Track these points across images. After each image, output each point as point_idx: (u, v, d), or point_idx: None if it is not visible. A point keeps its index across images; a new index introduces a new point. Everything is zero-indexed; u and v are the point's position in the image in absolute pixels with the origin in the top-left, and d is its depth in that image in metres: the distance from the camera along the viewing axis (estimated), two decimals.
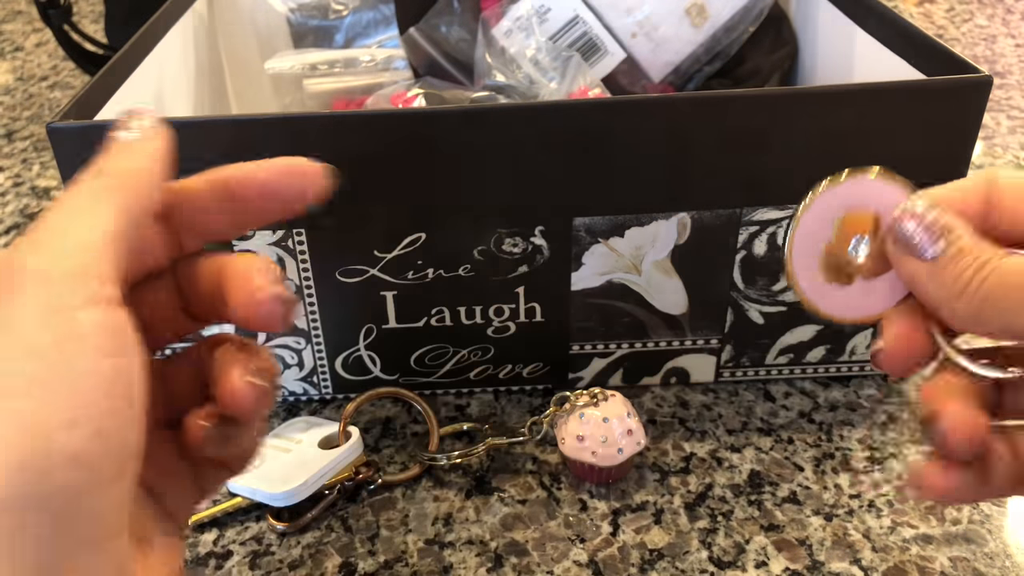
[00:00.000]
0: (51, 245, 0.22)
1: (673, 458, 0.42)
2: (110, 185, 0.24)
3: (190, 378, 0.29)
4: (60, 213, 0.23)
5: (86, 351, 0.21)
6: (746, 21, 0.54)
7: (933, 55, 0.42)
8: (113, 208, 0.24)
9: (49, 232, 0.23)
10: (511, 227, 0.41)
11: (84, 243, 0.23)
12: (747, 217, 0.41)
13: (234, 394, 0.26)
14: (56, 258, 0.22)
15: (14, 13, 1.13)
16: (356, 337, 0.44)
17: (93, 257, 0.23)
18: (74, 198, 0.24)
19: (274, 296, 0.26)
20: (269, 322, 0.26)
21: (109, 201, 0.24)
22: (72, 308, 0.22)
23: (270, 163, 0.28)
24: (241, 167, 0.28)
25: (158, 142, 0.26)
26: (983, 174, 0.28)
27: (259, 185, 0.28)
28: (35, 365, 0.21)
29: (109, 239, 0.23)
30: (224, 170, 0.28)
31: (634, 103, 0.38)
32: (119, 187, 0.24)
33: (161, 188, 0.26)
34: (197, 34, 0.58)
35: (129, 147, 0.26)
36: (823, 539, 0.38)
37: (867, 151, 0.39)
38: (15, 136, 0.79)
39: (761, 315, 0.44)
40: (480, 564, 0.37)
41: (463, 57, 0.55)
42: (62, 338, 0.21)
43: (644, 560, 0.37)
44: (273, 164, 0.28)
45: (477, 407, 0.46)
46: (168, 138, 0.27)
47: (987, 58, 0.87)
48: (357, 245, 0.41)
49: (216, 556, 0.38)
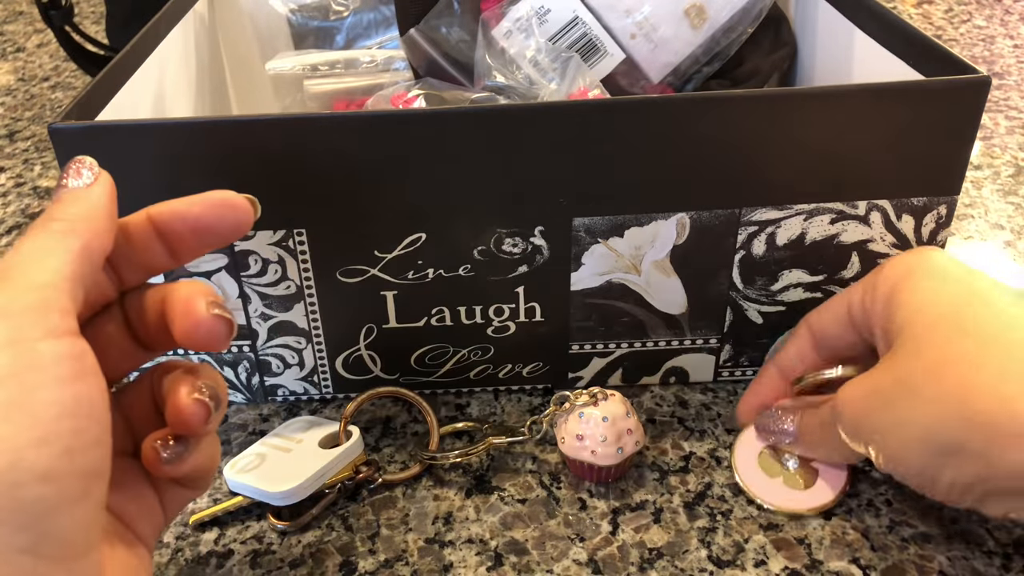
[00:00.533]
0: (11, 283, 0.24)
1: (672, 457, 0.43)
2: (65, 229, 0.26)
3: (146, 406, 0.31)
4: (19, 256, 0.25)
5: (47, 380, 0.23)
6: (745, 22, 0.54)
7: (931, 56, 0.42)
8: (69, 250, 0.26)
9: (9, 272, 0.25)
10: (511, 227, 0.41)
11: (43, 282, 0.24)
12: (746, 217, 0.41)
13: (181, 412, 0.28)
14: (17, 295, 0.24)
15: (15, 14, 1.13)
16: (356, 337, 0.44)
17: (52, 293, 0.24)
18: (31, 242, 0.26)
19: (213, 317, 0.28)
20: (210, 342, 0.28)
21: (65, 244, 0.26)
22: (32, 339, 0.23)
23: (201, 199, 0.30)
24: (173, 205, 0.30)
25: (104, 187, 0.28)
26: (802, 322, 0.41)
27: (192, 221, 0.30)
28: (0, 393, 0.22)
29: (66, 278, 0.25)
30: (157, 208, 0.30)
31: (633, 104, 0.38)
32: (74, 231, 0.26)
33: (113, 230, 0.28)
34: (198, 35, 0.58)
35: (78, 194, 0.28)
36: (822, 538, 0.38)
37: (865, 152, 0.39)
38: (17, 136, 0.79)
39: (760, 315, 0.44)
40: (480, 563, 0.37)
41: (463, 58, 0.55)
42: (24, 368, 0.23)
43: (643, 559, 0.37)
44: (203, 200, 0.30)
45: (477, 407, 0.46)
46: (111, 183, 0.29)
47: (985, 59, 0.87)
48: (357, 245, 0.41)
49: (217, 555, 0.38)
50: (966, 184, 0.65)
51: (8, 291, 0.24)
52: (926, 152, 0.40)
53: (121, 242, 0.29)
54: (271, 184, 0.39)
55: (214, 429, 0.30)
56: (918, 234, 0.42)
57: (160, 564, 0.38)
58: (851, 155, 0.40)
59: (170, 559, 0.38)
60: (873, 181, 0.40)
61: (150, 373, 0.31)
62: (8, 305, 0.24)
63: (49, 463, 0.22)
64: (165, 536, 0.39)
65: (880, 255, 0.43)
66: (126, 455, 0.30)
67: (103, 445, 0.24)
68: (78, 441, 0.23)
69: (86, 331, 0.26)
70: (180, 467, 0.29)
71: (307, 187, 0.39)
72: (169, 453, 0.28)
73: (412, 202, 0.40)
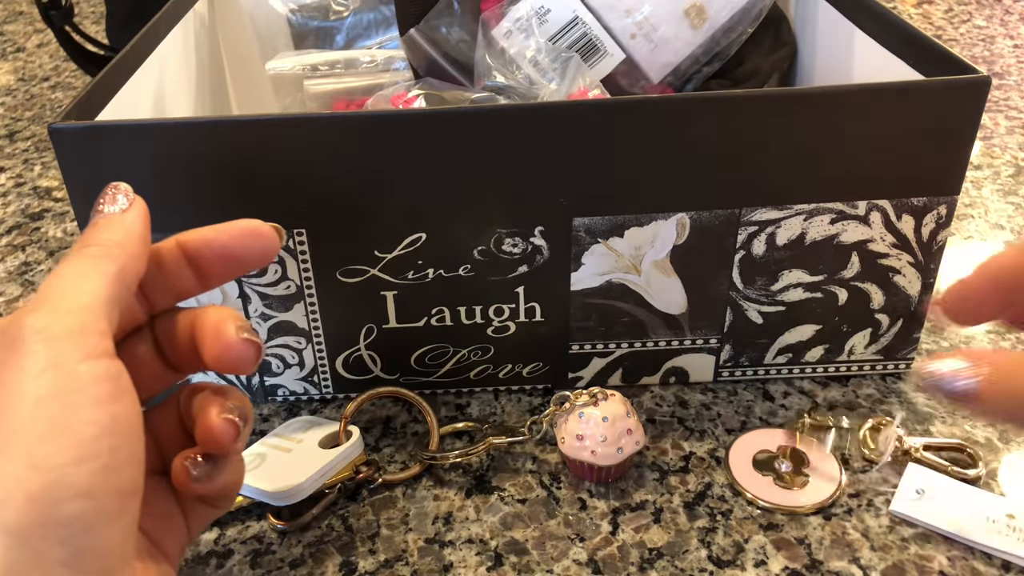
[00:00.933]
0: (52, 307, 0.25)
1: (672, 457, 0.43)
2: (100, 254, 0.27)
3: (175, 426, 0.32)
4: (58, 280, 0.26)
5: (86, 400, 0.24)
6: (745, 22, 0.54)
7: (931, 56, 0.42)
8: (106, 274, 0.27)
9: (49, 296, 0.26)
10: (511, 227, 0.41)
11: (81, 305, 0.25)
12: (746, 217, 0.41)
13: (212, 431, 0.29)
14: (57, 318, 0.25)
15: (15, 14, 1.13)
16: (356, 337, 0.44)
17: (90, 316, 0.25)
18: (69, 267, 0.27)
19: (243, 341, 0.29)
20: (240, 365, 0.29)
21: (102, 268, 0.27)
22: (73, 362, 0.24)
23: (228, 227, 0.31)
24: (202, 233, 0.31)
25: (139, 213, 0.29)
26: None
27: (219, 249, 0.31)
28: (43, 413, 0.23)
29: (103, 301, 0.26)
30: (186, 235, 0.31)
31: (633, 104, 0.38)
32: (109, 255, 0.27)
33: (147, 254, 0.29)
34: (198, 35, 0.58)
35: (114, 219, 0.29)
36: (822, 538, 0.38)
37: (865, 152, 0.39)
38: (17, 136, 0.79)
39: (760, 315, 0.44)
40: (480, 563, 0.37)
41: (463, 58, 0.55)
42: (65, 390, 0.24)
43: (643, 559, 0.37)
44: (231, 228, 0.31)
45: (477, 407, 0.46)
46: (145, 209, 0.30)
47: (985, 59, 0.87)
48: (357, 245, 0.41)
49: (217, 555, 0.38)
50: (966, 184, 0.65)
51: (48, 314, 0.25)
52: (926, 152, 0.40)
53: (152, 268, 0.30)
54: (271, 184, 0.39)
55: (242, 448, 0.31)
56: (918, 234, 0.42)
57: None
58: (851, 155, 0.40)
59: None
60: (873, 181, 0.40)
61: (177, 394, 0.32)
62: (48, 328, 0.24)
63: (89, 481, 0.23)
64: None
65: (880, 255, 0.43)
66: (155, 474, 0.31)
67: (138, 463, 0.25)
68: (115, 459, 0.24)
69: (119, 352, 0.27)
70: (209, 485, 0.30)
71: (307, 187, 0.39)
72: (199, 471, 0.29)
73: (412, 202, 0.40)
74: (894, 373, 0.47)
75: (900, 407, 0.45)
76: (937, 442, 0.42)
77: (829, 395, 0.46)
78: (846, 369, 0.47)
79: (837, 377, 0.47)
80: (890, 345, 0.46)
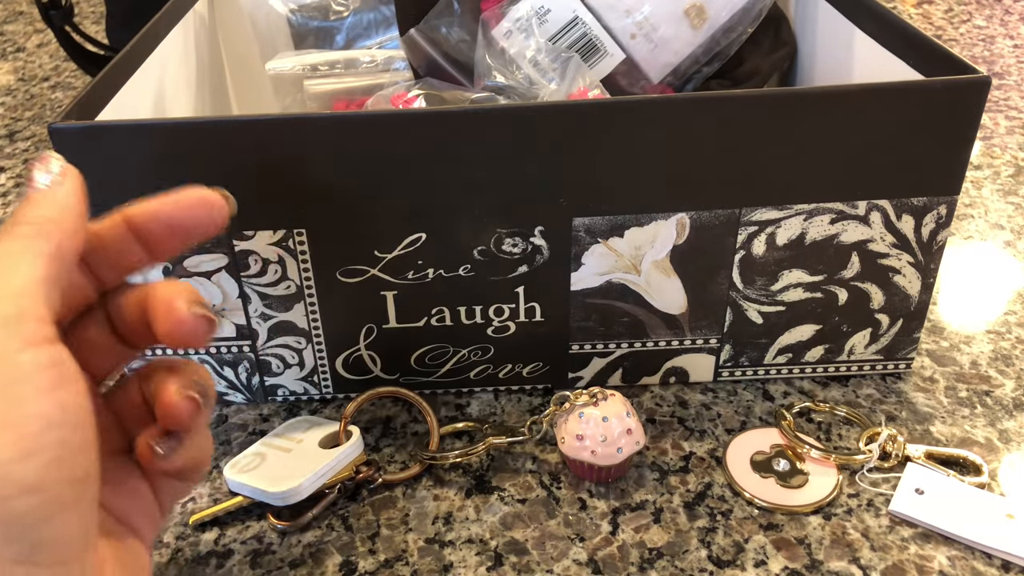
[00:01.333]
0: None
1: (672, 457, 0.43)
2: (34, 232, 0.25)
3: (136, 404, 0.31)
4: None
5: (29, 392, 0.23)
6: (745, 22, 0.54)
7: (931, 56, 0.42)
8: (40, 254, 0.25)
9: None
10: (511, 227, 0.41)
11: (17, 289, 0.24)
12: (746, 217, 0.41)
13: (171, 407, 0.28)
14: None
15: (15, 14, 1.13)
16: (356, 337, 0.44)
17: (28, 301, 0.24)
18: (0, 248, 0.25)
19: (194, 317, 0.28)
20: (192, 340, 0.28)
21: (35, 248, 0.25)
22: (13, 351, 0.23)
23: (174, 198, 0.30)
24: (147, 205, 0.29)
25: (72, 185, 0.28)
26: None
27: (166, 220, 0.29)
28: None
29: (40, 283, 0.24)
30: (131, 209, 0.29)
31: (633, 104, 0.38)
32: (42, 233, 0.25)
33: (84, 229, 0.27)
34: (198, 35, 0.58)
35: (46, 194, 0.27)
36: (822, 538, 0.38)
37: (865, 152, 0.39)
38: (17, 136, 0.79)
39: (760, 315, 0.44)
40: (480, 563, 0.37)
41: (463, 58, 0.55)
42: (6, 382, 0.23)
43: (643, 559, 0.37)
44: (177, 198, 0.30)
45: (477, 407, 0.46)
46: (79, 180, 0.28)
47: (985, 59, 0.87)
48: (357, 245, 0.41)
49: (217, 555, 0.38)
50: (966, 184, 0.65)
51: None
52: (926, 152, 0.40)
53: (97, 244, 0.29)
54: (271, 184, 0.39)
55: (205, 423, 0.30)
56: (918, 234, 0.42)
57: (160, 564, 0.38)
58: (851, 155, 0.40)
59: (170, 559, 0.38)
60: (873, 181, 0.40)
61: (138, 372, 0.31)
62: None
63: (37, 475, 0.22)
64: (165, 536, 0.39)
65: (880, 255, 0.43)
66: (119, 453, 0.30)
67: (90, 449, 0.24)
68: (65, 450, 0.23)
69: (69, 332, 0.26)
70: (174, 461, 0.29)
71: (307, 187, 0.39)
72: (163, 448, 0.29)
73: (412, 202, 0.40)
74: (894, 373, 0.47)
75: (900, 407, 0.45)
76: (940, 451, 0.42)
77: (829, 395, 0.46)
78: (846, 369, 0.47)
79: (837, 377, 0.47)
80: (890, 345, 0.46)
